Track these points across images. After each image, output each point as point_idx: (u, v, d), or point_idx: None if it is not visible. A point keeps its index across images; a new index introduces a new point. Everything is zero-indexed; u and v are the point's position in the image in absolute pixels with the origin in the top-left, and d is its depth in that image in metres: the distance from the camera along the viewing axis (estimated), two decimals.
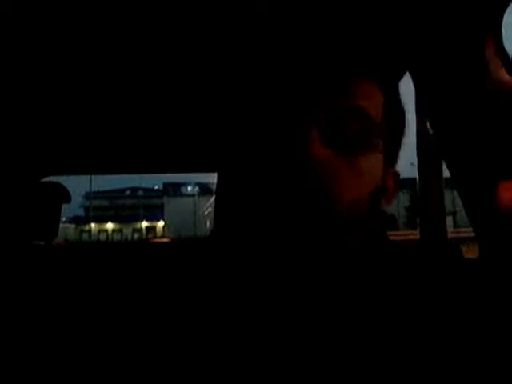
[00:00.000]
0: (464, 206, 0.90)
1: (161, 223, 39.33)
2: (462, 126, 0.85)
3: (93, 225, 38.72)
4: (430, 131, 1.39)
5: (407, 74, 1.03)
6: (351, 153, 0.52)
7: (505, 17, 0.86)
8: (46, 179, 2.09)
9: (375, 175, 0.54)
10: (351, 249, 0.55)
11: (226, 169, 0.65)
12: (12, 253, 1.50)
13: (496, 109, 0.77)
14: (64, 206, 1.93)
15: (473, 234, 0.97)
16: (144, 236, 38.22)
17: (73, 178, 2.46)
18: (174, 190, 39.33)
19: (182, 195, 39.14)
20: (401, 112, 0.60)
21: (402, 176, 0.62)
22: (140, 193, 41.70)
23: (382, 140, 0.54)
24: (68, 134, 1.77)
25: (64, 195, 1.86)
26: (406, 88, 1.12)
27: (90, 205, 38.53)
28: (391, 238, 0.67)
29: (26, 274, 1.34)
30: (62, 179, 2.08)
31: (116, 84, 1.37)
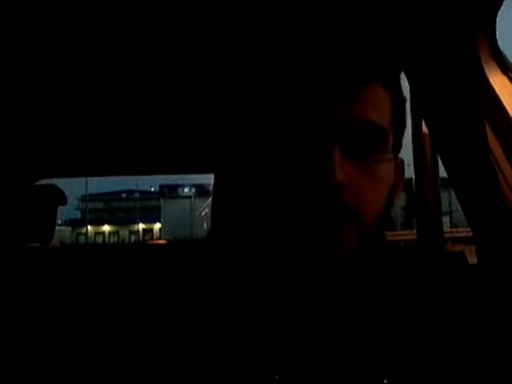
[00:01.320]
0: (461, 205, 0.90)
1: (157, 225, 39.29)
2: (458, 124, 0.85)
3: (89, 227, 38.64)
4: (426, 131, 1.40)
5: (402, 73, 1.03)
6: (369, 164, 0.52)
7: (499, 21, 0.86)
8: (42, 182, 2.08)
9: (390, 178, 0.55)
10: (354, 248, 0.54)
11: (223, 170, 0.64)
12: (8, 255, 1.49)
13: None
14: (60, 208, 1.92)
15: (470, 234, 0.97)
16: (141, 238, 38.15)
17: (68, 180, 2.45)
18: (170, 191, 39.28)
19: (178, 197, 39.10)
20: (404, 109, 0.60)
21: None
22: (136, 195, 41.60)
23: (392, 142, 0.54)
24: (64, 136, 1.76)
25: (60, 197, 1.85)
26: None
27: (86, 207, 38.45)
28: (389, 238, 0.67)
29: (21, 277, 1.34)
30: (58, 182, 2.07)
31: (112, 87, 1.36)
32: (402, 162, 0.60)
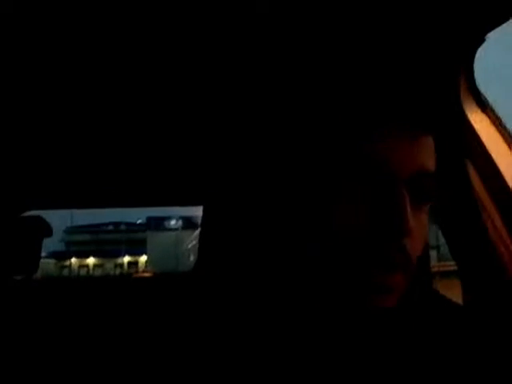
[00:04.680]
0: (446, 239, 0.91)
1: (143, 258, 38.79)
2: (440, 162, 0.87)
3: (73, 260, 37.99)
4: None
5: None
6: (421, 212, 0.51)
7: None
8: (28, 214, 2.06)
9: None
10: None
11: (212, 202, 0.64)
12: None
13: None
14: (44, 240, 1.90)
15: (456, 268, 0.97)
16: (125, 271, 37.60)
17: (53, 212, 2.43)
18: (157, 224, 38.98)
19: (165, 229, 38.79)
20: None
21: None
22: (122, 227, 41.21)
23: None
24: (49, 167, 1.76)
25: (45, 229, 1.84)
26: None
27: (70, 239, 37.90)
28: None
29: (4, 309, 1.31)
30: (43, 213, 2.05)
31: (99, 117, 1.36)
32: None
